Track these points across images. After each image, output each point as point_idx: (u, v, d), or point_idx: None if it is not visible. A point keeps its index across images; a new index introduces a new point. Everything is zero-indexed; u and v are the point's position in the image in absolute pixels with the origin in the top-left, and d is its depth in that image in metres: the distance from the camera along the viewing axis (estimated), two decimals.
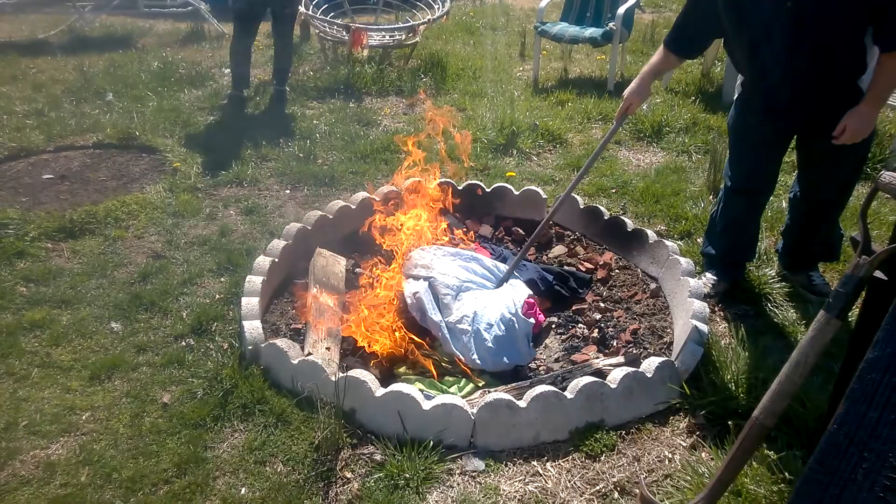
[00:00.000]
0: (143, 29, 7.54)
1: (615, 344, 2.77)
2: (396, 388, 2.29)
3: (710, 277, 3.08)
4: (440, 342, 2.69)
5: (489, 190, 3.68)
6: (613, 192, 4.08)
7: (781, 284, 3.11)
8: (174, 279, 3.14)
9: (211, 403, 2.42)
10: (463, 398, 2.35)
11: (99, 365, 2.61)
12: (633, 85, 2.85)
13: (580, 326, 2.92)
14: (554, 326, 2.94)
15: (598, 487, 2.15)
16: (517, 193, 3.64)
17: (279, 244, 3.06)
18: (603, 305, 3.05)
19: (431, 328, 2.71)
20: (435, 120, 3.50)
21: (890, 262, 1.60)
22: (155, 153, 4.50)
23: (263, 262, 2.94)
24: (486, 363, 2.59)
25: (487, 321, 2.66)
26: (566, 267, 3.29)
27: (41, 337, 2.77)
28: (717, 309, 2.99)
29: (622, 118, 2.92)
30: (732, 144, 2.93)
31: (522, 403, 2.26)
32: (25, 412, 2.39)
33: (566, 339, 2.86)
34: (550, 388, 2.30)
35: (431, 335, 2.74)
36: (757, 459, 2.11)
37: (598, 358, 2.61)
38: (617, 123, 2.94)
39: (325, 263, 3.06)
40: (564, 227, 3.60)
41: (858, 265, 1.60)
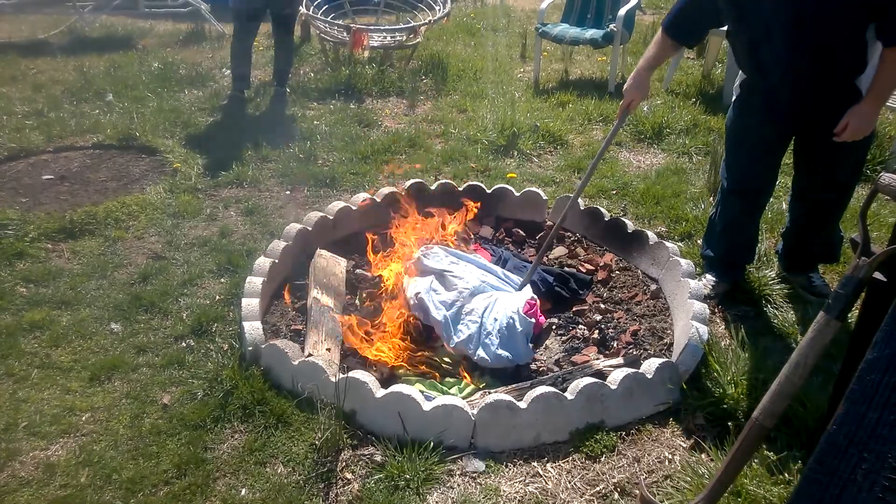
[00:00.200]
0: (143, 29, 7.54)
1: (615, 345, 2.77)
2: (397, 389, 2.29)
3: (710, 279, 3.08)
4: (442, 341, 2.70)
5: (490, 191, 3.68)
6: (614, 193, 4.08)
7: (781, 286, 3.11)
8: (174, 280, 3.14)
9: (211, 404, 2.42)
10: (463, 399, 2.35)
11: (99, 366, 2.61)
12: (630, 80, 2.82)
13: (580, 327, 2.92)
14: (554, 327, 2.94)
15: (598, 488, 2.15)
16: (518, 195, 3.64)
17: (279, 245, 3.06)
18: (603, 306, 3.05)
19: (435, 326, 2.72)
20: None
21: (889, 263, 1.60)
22: (155, 154, 4.50)
23: (264, 262, 2.94)
24: (488, 356, 2.60)
25: (493, 317, 2.69)
26: (566, 268, 3.29)
27: (41, 338, 2.76)
28: (717, 310, 2.99)
29: (624, 115, 2.91)
30: (729, 146, 2.92)
31: (523, 404, 2.26)
32: (25, 413, 2.39)
33: (566, 340, 2.86)
34: (551, 389, 2.30)
35: (435, 334, 2.74)
36: (757, 460, 2.12)
37: (598, 359, 2.61)
38: (619, 121, 2.93)
39: (325, 265, 3.06)
40: (565, 228, 3.60)
41: (858, 266, 1.61)
